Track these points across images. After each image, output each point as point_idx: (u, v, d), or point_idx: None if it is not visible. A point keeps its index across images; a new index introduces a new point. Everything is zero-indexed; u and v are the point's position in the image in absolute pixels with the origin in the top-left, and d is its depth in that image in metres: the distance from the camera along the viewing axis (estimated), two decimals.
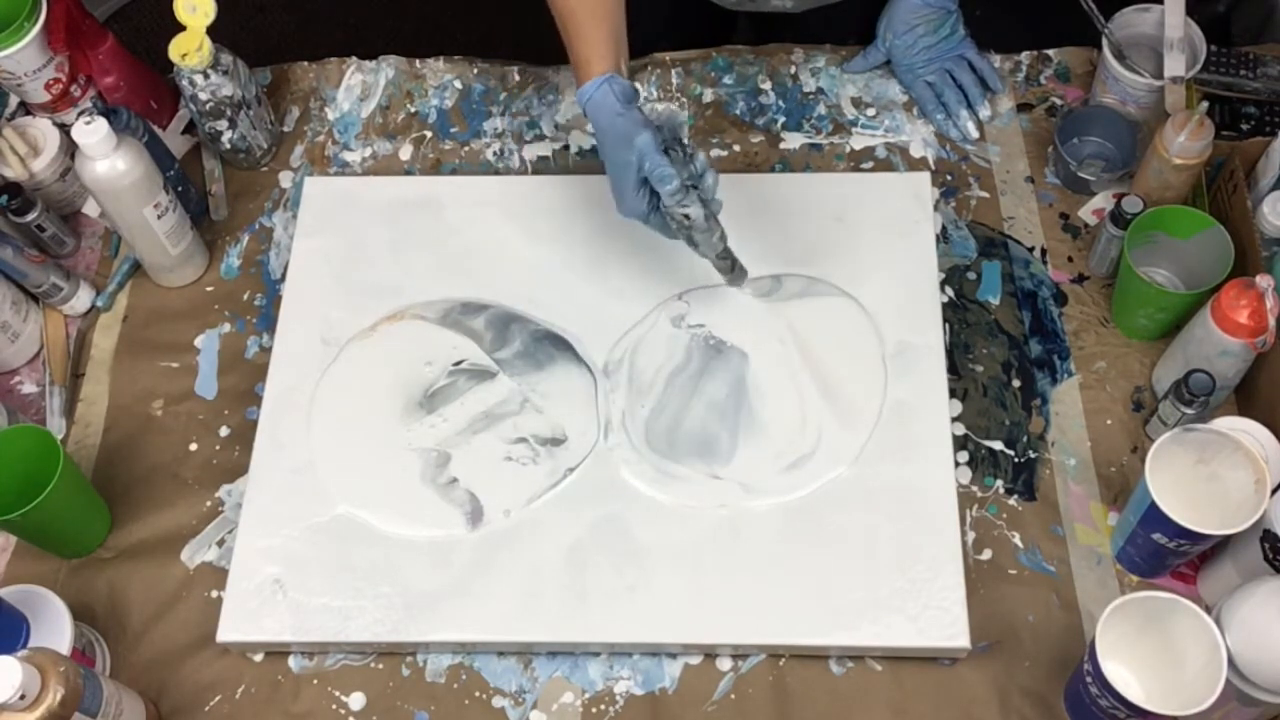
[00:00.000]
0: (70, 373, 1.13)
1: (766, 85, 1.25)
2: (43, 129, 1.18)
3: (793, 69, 1.25)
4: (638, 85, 1.20)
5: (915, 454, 1.00)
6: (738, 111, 1.23)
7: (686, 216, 0.96)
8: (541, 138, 1.24)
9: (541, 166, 1.22)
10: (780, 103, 1.24)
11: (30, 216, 1.14)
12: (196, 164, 1.25)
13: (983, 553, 0.99)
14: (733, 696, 0.95)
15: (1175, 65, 1.09)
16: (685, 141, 0.97)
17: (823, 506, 0.98)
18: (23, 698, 0.80)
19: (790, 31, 1.28)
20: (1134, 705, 0.82)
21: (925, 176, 1.14)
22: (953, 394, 1.05)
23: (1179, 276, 1.07)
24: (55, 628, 0.93)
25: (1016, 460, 1.03)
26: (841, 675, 0.95)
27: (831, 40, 1.26)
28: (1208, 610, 0.83)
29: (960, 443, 1.03)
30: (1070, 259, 1.12)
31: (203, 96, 1.14)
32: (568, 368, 1.06)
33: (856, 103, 1.23)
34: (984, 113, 1.20)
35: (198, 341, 1.14)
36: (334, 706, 0.96)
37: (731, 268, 1.03)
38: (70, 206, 1.22)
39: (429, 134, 1.25)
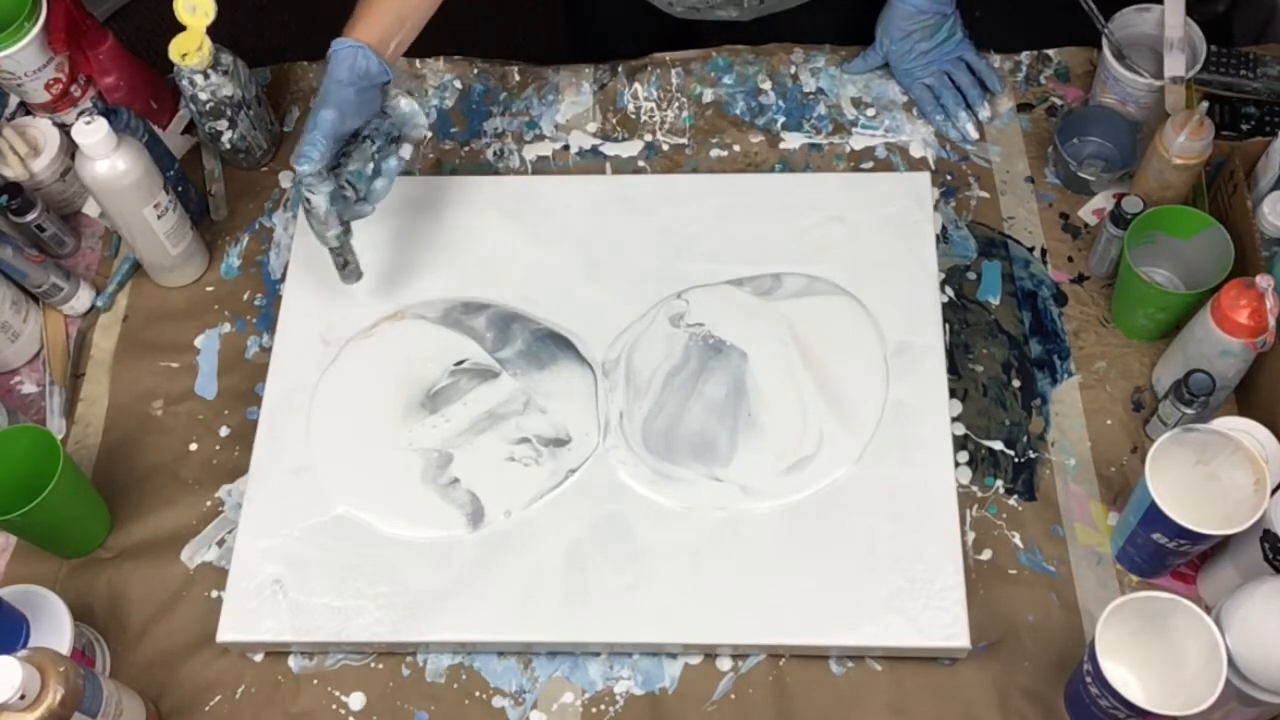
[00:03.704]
0: (70, 373, 1.13)
1: (766, 85, 1.25)
2: (43, 129, 1.18)
3: (793, 69, 1.25)
4: (637, 86, 1.19)
5: (915, 454, 1.00)
6: (738, 111, 1.23)
7: (308, 200, 0.98)
8: (541, 138, 1.24)
9: (541, 166, 1.22)
10: (780, 103, 1.23)
11: (30, 216, 1.14)
12: (196, 164, 1.25)
13: (983, 553, 0.99)
14: (733, 696, 0.95)
15: (1175, 65, 1.09)
16: (398, 143, 0.99)
17: (822, 506, 0.98)
18: (23, 698, 0.80)
19: (760, 42, 1.27)
20: (1134, 705, 0.82)
21: (925, 176, 1.14)
22: (953, 394, 1.04)
23: (1179, 276, 1.07)
24: (55, 628, 0.93)
25: (1016, 460, 1.03)
26: (841, 675, 0.95)
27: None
28: (1208, 610, 0.83)
29: (960, 443, 1.03)
30: (1070, 259, 1.12)
31: (203, 96, 1.14)
32: (570, 367, 1.06)
33: (856, 103, 1.23)
34: (983, 114, 1.20)
35: (198, 341, 1.14)
36: (334, 706, 0.96)
37: (343, 265, 1.04)
38: (70, 206, 1.22)
39: (429, 134, 1.25)
